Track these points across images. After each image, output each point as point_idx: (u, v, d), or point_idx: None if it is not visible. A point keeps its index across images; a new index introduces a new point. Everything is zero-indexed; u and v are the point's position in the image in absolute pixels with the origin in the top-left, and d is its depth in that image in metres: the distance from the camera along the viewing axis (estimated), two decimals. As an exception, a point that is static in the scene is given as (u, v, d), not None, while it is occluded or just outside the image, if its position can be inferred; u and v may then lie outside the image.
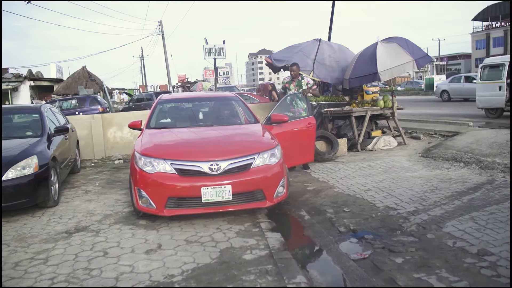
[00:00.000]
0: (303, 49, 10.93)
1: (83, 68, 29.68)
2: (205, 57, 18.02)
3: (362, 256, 3.92)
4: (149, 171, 4.85)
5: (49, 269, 3.83)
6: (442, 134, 10.69)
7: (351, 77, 9.88)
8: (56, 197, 6.08)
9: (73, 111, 17.80)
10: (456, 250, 3.81)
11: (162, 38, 36.43)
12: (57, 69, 39.28)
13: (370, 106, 10.01)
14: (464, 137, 9.36)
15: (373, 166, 7.67)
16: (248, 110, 6.67)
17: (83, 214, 5.52)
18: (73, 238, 4.64)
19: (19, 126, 7.52)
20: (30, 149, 5.85)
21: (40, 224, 5.18)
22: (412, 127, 12.11)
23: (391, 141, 9.81)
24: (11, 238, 4.71)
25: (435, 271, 3.47)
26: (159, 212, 4.81)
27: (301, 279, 3.45)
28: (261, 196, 4.95)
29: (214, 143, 5.37)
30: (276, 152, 5.21)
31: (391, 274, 3.49)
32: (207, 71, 20.97)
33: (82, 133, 10.12)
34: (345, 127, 9.95)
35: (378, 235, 4.39)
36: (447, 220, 4.51)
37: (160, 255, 4.04)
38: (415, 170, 7.09)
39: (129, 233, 4.70)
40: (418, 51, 9.67)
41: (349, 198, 5.74)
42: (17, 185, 5.31)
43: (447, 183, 5.99)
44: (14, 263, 3.99)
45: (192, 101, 7.41)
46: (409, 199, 5.37)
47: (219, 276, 3.55)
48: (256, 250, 4.09)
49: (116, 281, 3.54)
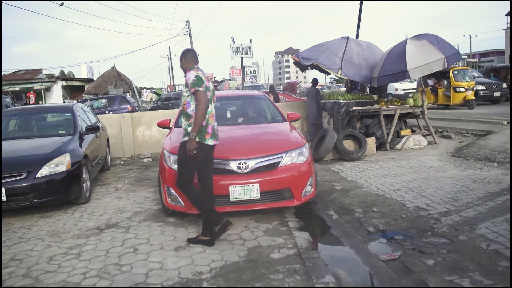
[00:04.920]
0: (331, 47, 10.83)
1: (113, 68, 30.27)
2: (232, 56, 18.13)
3: (392, 257, 3.86)
4: (178, 169, 4.89)
5: (81, 264, 3.92)
6: (474, 133, 10.41)
7: (380, 75, 9.73)
8: (88, 194, 6.23)
9: (103, 110, 18.15)
10: (490, 253, 3.70)
11: (189, 38, 36.74)
12: (88, 69, 40.22)
13: (399, 105, 9.84)
14: (497, 136, 9.09)
15: (402, 165, 7.54)
16: (276, 108, 6.66)
17: (114, 211, 5.64)
18: (104, 234, 4.74)
19: (52, 125, 7.75)
20: (63, 147, 6.01)
21: (72, 220, 5.32)
22: (442, 126, 11.84)
23: (421, 140, 9.62)
24: (45, 233, 4.85)
25: (468, 274, 3.38)
26: (187, 210, 4.85)
27: (330, 279, 3.42)
28: (289, 195, 4.94)
29: (242, 142, 5.39)
30: (304, 151, 5.19)
31: (422, 276, 3.43)
32: (234, 70, 21.09)
33: (112, 132, 10.32)
34: (373, 126, 9.82)
35: (408, 236, 4.31)
36: (480, 222, 4.38)
37: (188, 252, 4.08)
38: (446, 170, 6.93)
39: (158, 230, 4.77)
40: (449, 48, 9.45)
41: (378, 198, 5.66)
42: (51, 182, 5.46)
43: (480, 183, 5.83)
44: (49, 257, 4.11)
45: (219, 100, 7.41)
46: (440, 199, 5.25)
47: (247, 275, 3.56)
48: (284, 249, 4.08)
49: (146, 277, 3.60)
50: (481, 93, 17.59)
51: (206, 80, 4.21)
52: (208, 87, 4.21)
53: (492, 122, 11.50)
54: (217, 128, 4.36)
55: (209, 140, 4.20)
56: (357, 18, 12.94)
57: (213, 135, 4.25)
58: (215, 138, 4.28)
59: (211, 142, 4.22)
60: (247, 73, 21.57)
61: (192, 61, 4.36)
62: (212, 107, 4.29)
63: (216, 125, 4.34)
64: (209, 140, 4.20)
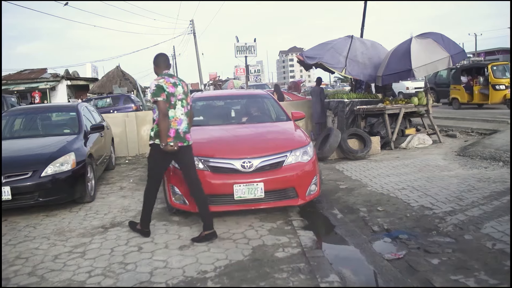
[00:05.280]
0: (335, 46, 10.81)
1: (117, 67, 30.32)
2: (236, 55, 18.11)
3: (397, 256, 3.85)
4: (182, 168, 4.90)
5: (87, 263, 3.94)
6: (480, 132, 10.37)
7: (385, 74, 9.71)
8: (93, 193, 6.25)
9: (108, 109, 18.18)
10: (495, 252, 3.68)
11: (193, 37, 36.75)
12: (92, 68, 40.33)
13: (403, 103, 9.81)
14: (503, 135, 9.05)
15: (407, 164, 7.51)
16: (280, 107, 6.65)
17: (118, 210, 5.65)
18: (108, 233, 4.76)
19: (57, 124, 7.78)
20: (68, 146, 6.03)
21: (77, 219, 5.34)
22: (447, 125, 11.80)
23: (425, 139, 9.59)
24: (50, 232, 4.87)
25: (473, 274, 3.36)
26: (192, 208, 4.86)
27: (334, 278, 3.42)
28: (293, 194, 4.93)
29: (246, 141, 5.39)
30: (308, 150, 5.18)
31: (427, 275, 3.42)
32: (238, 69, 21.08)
33: (116, 131, 10.35)
34: (378, 125, 9.78)
35: (413, 235, 4.30)
36: (486, 221, 4.36)
37: (193, 251, 4.09)
38: (451, 169, 6.90)
39: (163, 229, 4.78)
40: (454, 47, 9.41)
41: (382, 197, 5.65)
42: (56, 181, 5.48)
43: (485, 182, 5.80)
44: (54, 256, 4.13)
45: (224, 99, 7.46)
46: (445, 198, 5.23)
47: (251, 273, 3.56)
48: (288, 248, 4.08)
49: (151, 275, 3.61)
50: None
51: (170, 86, 4.31)
52: (172, 93, 4.31)
53: (498, 121, 11.44)
54: (185, 130, 4.42)
55: (171, 143, 4.28)
56: (362, 17, 12.89)
57: (176, 138, 4.33)
58: (179, 140, 4.35)
59: (173, 144, 4.31)
60: (251, 72, 21.53)
61: (161, 66, 4.51)
62: (175, 112, 4.35)
63: (182, 128, 4.39)
64: (171, 143, 4.28)
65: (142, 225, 4.60)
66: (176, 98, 4.36)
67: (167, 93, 4.27)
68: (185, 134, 4.42)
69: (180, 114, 4.38)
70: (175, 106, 4.35)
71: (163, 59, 4.56)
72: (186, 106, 4.47)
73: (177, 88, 4.38)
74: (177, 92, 4.37)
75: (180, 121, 4.38)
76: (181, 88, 4.43)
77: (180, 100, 4.39)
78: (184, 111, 4.43)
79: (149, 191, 4.55)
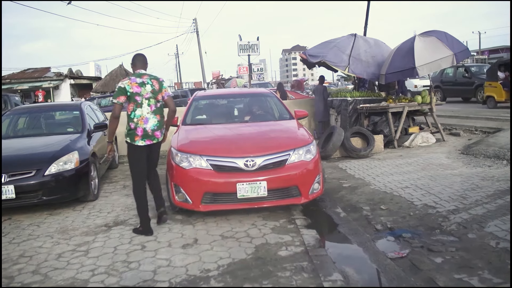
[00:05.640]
0: (338, 44, 10.78)
1: (120, 66, 30.29)
2: (239, 54, 18.06)
3: (400, 255, 3.84)
4: (186, 167, 4.92)
5: (90, 261, 3.95)
6: (483, 131, 10.32)
7: (388, 72, 9.68)
8: (96, 192, 6.26)
9: (111, 108, 18.11)
10: (499, 251, 3.67)
11: (196, 36, 36.76)
12: (96, 67, 40.33)
13: (407, 102, 9.78)
14: (507, 133, 9.00)
15: (410, 163, 7.49)
16: (283, 106, 6.65)
17: (121, 208, 5.67)
18: (112, 231, 4.77)
19: (60, 123, 7.81)
20: (71, 144, 6.05)
21: (81, 218, 5.35)
22: (451, 123, 11.75)
23: (429, 137, 9.56)
24: (54, 230, 4.89)
25: (477, 272, 3.35)
26: (195, 207, 4.87)
27: (337, 277, 3.41)
28: (296, 192, 4.93)
29: (249, 139, 5.39)
30: (311, 149, 5.17)
31: (430, 274, 3.41)
32: (241, 68, 21.01)
33: (120, 130, 10.21)
34: (381, 123, 9.76)
35: (416, 234, 4.28)
36: (490, 220, 4.34)
37: (196, 250, 4.10)
38: (454, 167, 6.88)
39: (166, 228, 4.78)
40: (458, 45, 9.37)
41: (386, 195, 5.63)
42: (59, 180, 5.50)
43: (489, 181, 5.78)
44: (58, 254, 4.15)
45: (227, 98, 7.46)
46: (448, 197, 5.22)
47: (254, 272, 3.56)
48: (291, 246, 4.08)
49: (154, 274, 3.61)
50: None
51: (134, 87, 4.53)
52: (137, 93, 4.53)
53: (501, 120, 11.39)
54: (153, 128, 4.61)
55: (140, 141, 4.54)
56: (365, 15, 12.87)
57: (144, 136, 4.56)
58: (147, 138, 4.58)
59: (141, 143, 4.55)
60: (254, 71, 21.52)
61: (137, 65, 4.77)
62: (142, 111, 4.56)
63: (150, 126, 4.58)
64: (140, 142, 4.54)
65: (142, 225, 4.66)
66: (142, 97, 4.54)
67: (131, 93, 4.50)
68: (153, 131, 4.62)
69: (146, 113, 4.56)
70: (141, 105, 4.55)
71: (139, 59, 4.79)
72: (154, 104, 4.62)
73: (144, 87, 4.56)
74: (143, 91, 4.55)
75: (146, 119, 4.57)
76: (149, 87, 4.59)
77: (147, 99, 4.56)
78: (151, 110, 4.59)
79: (136, 189, 4.70)
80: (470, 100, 18.18)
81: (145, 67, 4.79)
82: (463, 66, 18.52)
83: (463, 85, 18.11)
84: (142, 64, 4.77)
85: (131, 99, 4.53)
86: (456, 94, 18.79)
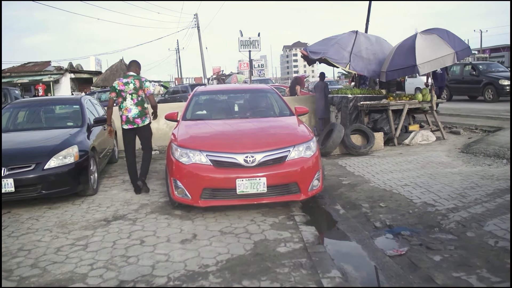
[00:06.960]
0: (339, 41, 10.74)
1: (121, 61, 30.27)
2: (240, 50, 18.04)
3: (399, 252, 3.84)
4: (185, 162, 4.91)
5: (89, 255, 3.95)
6: (484, 129, 10.31)
7: (389, 70, 9.66)
8: (95, 186, 6.26)
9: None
10: (498, 250, 3.67)
11: (197, 31, 36.67)
12: (96, 61, 40.24)
13: (407, 100, 9.77)
14: (507, 132, 8.99)
15: (410, 161, 7.49)
16: (283, 102, 6.63)
17: (121, 203, 5.67)
18: (111, 226, 4.77)
19: (60, 117, 7.79)
20: (71, 139, 6.04)
21: (80, 212, 5.35)
22: (451, 122, 11.74)
23: (429, 135, 9.55)
24: (53, 224, 4.89)
25: (475, 271, 3.36)
26: (194, 202, 4.87)
27: (336, 273, 3.42)
28: (295, 189, 4.93)
29: (249, 135, 5.38)
30: (311, 145, 5.17)
31: (428, 272, 3.41)
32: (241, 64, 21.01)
33: (119, 124, 10.28)
34: (381, 121, 9.75)
35: (415, 232, 4.29)
36: (489, 219, 4.34)
37: (195, 245, 4.10)
38: (454, 166, 6.88)
39: (165, 223, 4.79)
40: (459, 43, 9.34)
41: (385, 193, 5.64)
42: (59, 174, 5.50)
43: (488, 180, 5.78)
44: (56, 248, 4.15)
45: (227, 93, 7.45)
46: (448, 195, 5.22)
47: (253, 268, 3.57)
48: (290, 243, 4.08)
49: (152, 269, 3.61)
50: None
51: (120, 85, 6.02)
52: (122, 90, 6.01)
53: (502, 118, 11.38)
54: (134, 116, 6.05)
55: (124, 125, 6.11)
56: (367, 11, 12.82)
57: (127, 122, 6.08)
58: (129, 123, 6.08)
59: (125, 126, 6.11)
60: (255, 67, 21.51)
61: (130, 69, 6.25)
62: (126, 103, 6.03)
63: (132, 114, 6.03)
64: (124, 126, 6.12)
65: (134, 187, 6.18)
66: (126, 93, 6.01)
67: (118, 90, 6.02)
68: (134, 119, 6.06)
69: (129, 105, 6.02)
70: (125, 99, 6.03)
71: (133, 64, 6.29)
72: (136, 98, 6.04)
73: (128, 86, 6.01)
74: (127, 88, 6.01)
75: (130, 109, 6.03)
76: (132, 85, 6.01)
77: (130, 94, 6.01)
78: (134, 102, 6.02)
79: (128, 164, 6.27)
80: (477, 99, 17.65)
81: (137, 71, 6.21)
82: (470, 64, 18.13)
83: (470, 83, 17.49)
84: (134, 68, 6.21)
85: (119, 94, 6.02)
86: (463, 93, 18.25)
